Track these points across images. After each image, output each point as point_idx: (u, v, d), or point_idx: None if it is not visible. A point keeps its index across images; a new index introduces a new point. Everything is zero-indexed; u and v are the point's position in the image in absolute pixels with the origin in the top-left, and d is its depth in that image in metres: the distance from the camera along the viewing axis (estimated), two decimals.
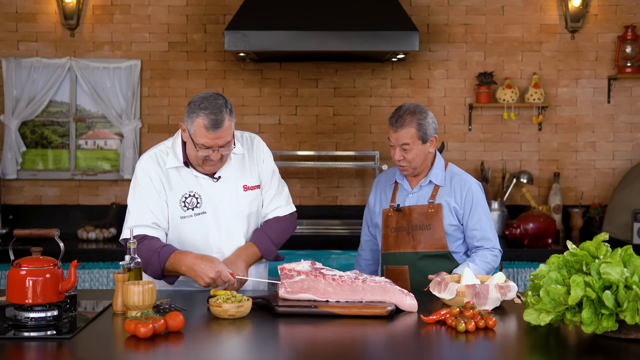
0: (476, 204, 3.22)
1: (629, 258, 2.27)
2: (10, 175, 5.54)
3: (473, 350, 2.27)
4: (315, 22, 5.00)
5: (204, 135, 2.82)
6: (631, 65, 5.49)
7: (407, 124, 3.14)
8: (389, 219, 3.29)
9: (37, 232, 2.61)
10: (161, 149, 3.02)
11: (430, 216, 3.21)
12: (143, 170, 2.98)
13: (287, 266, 2.78)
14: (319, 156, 5.62)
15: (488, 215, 3.26)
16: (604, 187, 5.68)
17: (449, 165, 3.32)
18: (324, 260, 4.81)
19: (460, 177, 3.26)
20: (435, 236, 3.20)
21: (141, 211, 2.94)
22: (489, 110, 5.65)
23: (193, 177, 2.98)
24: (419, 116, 3.16)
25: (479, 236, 3.22)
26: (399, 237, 3.25)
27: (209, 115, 2.80)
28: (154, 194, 2.95)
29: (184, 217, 2.97)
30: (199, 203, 2.97)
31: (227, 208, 3.01)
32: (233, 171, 3.03)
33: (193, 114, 2.83)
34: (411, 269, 3.22)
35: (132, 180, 3.02)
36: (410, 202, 3.27)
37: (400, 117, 3.16)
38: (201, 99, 2.84)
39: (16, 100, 5.52)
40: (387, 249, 3.30)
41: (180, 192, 2.97)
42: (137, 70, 5.56)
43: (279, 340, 2.43)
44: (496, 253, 3.23)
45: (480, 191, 3.27)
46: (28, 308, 2.44)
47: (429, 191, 3.26)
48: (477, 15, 5.62)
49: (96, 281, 4.81)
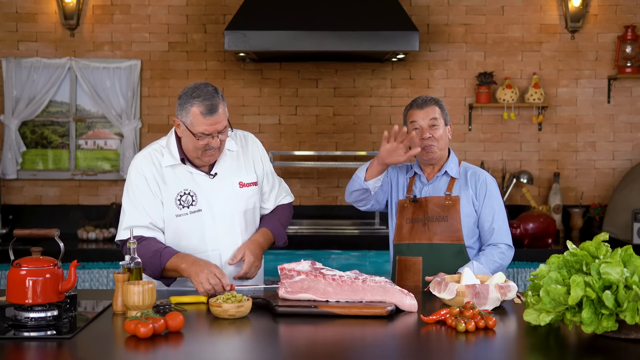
0: (489, 196, 3.24)
1: (629, 258, 2.27)
2: (10, 175, 5.55)
3: (473, 350, 2.27)
4: (315, 22, 5.00)
5: (202, 123, 2.82)
6: (631, 65, 5.49)
7: (432, 104, 3.26)
8: (405, 209, 3.29)
9: (37, 232, 2.61)
10: (155, 148, 3.01)
11: (447, 208, 3.21)
12: (137, 170, 2.97)
13: (287, 266, 2.78)
14: (318, 156, 5.62)
15: (501, 208, 3.26)
16: (604, 187, 5.68)
17: (462, 162, 3.36)
18: (324, 260, 4.81)
19: (474, 170, 3.31)
20: (451, 228, 3.20)
21: (137, 212, 2.94)
22: (489, 110, 5.65)
23: (188, 175, 2.97)
24: (437, 100, 3.30)
25: (488, 228, 3.22)
26: (414, 228, 3.25)
27: (204, 102, 2.81)
28: (149, 195, 2.95)
29: (179, 215, 2.96)
30: (194, 201, 2.96)
31: (223, 205, 3.00)
32: (229, 168, 3.04)
33: (187, 104, 2.84)
34: (425, 260, 3.21)
35: (126, 180, 3.00)
36: (426, 194, 3.28)
37: (423, 99, 3.27)
38: (191, 90, 2.86)
39: (16, 100, 5.52)
40: (400, 239, 3.29)
41: (175, 190, 2.96)
42: (137, 70, 5.56)
43: (279, 340, 2.43)
44: (503, 250, 3.19)
45: (494, 184, 3.29)
46: (28, 308, 2.44)
47: (445, 183, 3.27)
48: (477, 15, 5.63)
49: (96, 281, 4.81)
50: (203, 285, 2.78)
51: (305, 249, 4.83)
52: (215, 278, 2.78)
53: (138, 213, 2.94)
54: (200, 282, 2.79)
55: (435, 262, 3.19)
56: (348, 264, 4.84)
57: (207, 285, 2.78)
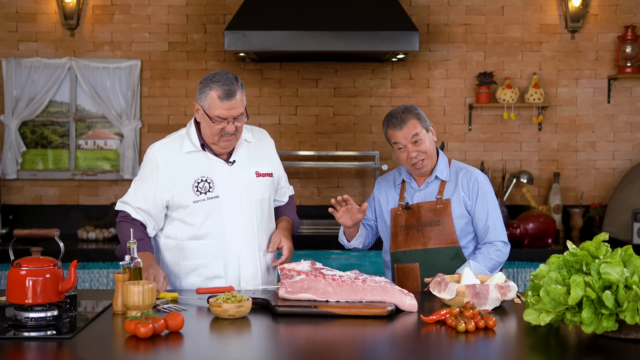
0: (482, 194, 3.22)
1: (629, 258, 2.27)
2: (10, 175, 5.55)
3: (473, 350, 2.27)
4: (315, 22, 5.00)
5: (219, 106, 2.91)
6: (631, 65, 5.49)
7: (408, 119, 3.18)
8: (398, 217, 3.28)
9: (37, 232, 2.61)
10: (174, 138, 3.12)
11: (439, 212, 3.20)
12: (152, 157, 3.07)
13: (287, 266, 2.79)
14: (319, 156, 5.62)
15: (495, 206, 3.24)
16: (604, 187, 5.68)
17: (452, 162, 3.32)
18: (324, 260, 4.81)
19: (465, 170, 3.28)
20: (445, 231, 3.19)
21: (135, 192, 3.08)
22: (489, 110, 5.65)
23: (207, 162, 3.04)
24: (412, 110, 3.22)
25: (483, 227, 3.21)
26: (408, 234, 3.24)
27: (222, 87, 2.91)
28: (151, 184, 3.03)
29: (197, 201, 3.02)
30: (212, 188, 3.02)
31: (241, 192, 3.06)
32: (246, 157, 3.11)
33: (206, 88, 2.94)
34: (422, 266, 3.20)
35: (143, 161, 3.12)
36: (418, 200, 3.27)
37: (398, 116, 3.19)
38: (212, 75, 2.97)
39: (16, 100, 5.52)
40: (396, 247, 3.29)
41: (192, 177, 3.03)
42: (137, 70, 5.56)
43: (279, 340, 2.43)
44: (499, 247, 3.19)
45: (487, 182, 3.27)
46: (28, 308, 2.44)
47: (435, 187, 3.25)
48: (477, 15, 5.63)
49: (96, 281, 4.81)
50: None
51: (305, 249, 4.83)
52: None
53: (135, 194, 3.08)
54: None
55: (432, 267, 3.19)
56: (348, 264, 4.84)
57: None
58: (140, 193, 3.06)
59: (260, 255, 3.11)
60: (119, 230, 3.08)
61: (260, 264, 3.10)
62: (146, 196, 3.04)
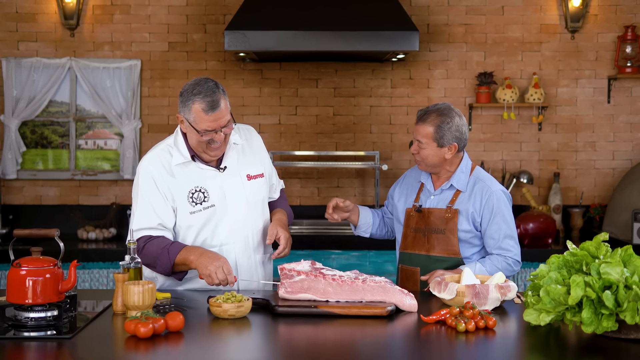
0: (495, 213, 3.11)
1: (629, 258, 2.27)
2: (10, 175, 5.55)
3: (473, 350, 2.27)
4: (315, 22, 5.00)
5: (205, 120, 2.84)
6: (631, 65, 5.49)
7: (428, 122, 3.10)
8: (410, 219, 3.25)
9: (37, 232, 2.61)
10: (162, 148, 3.03)
11: (446, 221, 3.14)
12: (146, 171, 2.98)
13: (287, 266, 2.79)
14: (319, 156, 5.62)
15: (509, 224, 3.13)
16: (604, 187, 5.68)
17: (475, 170, 3.22)
18: (324, 260, 4.81)
19: (483, 184, 3.16)
20: (448, 242, 3.14)
21: (146, 213, 2.95)
22: (489, 110, 5.65)
23: (199, 171, 3.00)
24: (443, 119, 3.09)
25: (494, 245, 3.13)
26: (416, 238, 3.22)
27: (205, 99, 2.83)
28: (158, 196, 2.95)
29: (193, 212, 2.98)
30: (206, 197, 2.99)
31: (234, 198, 3.03)
32: (236, 161, 3.07)
33: (188, 102, 2.86)
34: (423, 271, 3.17)
35: (135, 182, 3.02)
36: (431, 205, 3.21)
37: (427, 112, 3.13)
38: (192, 86, 2.88)
39: (16, 100, 5.52)
40: (405, 248, 3.27)
41: (186, 188, 2.98)
42: (137, 70, 5.56)
43: (279, 340, 2.43)
44: (510, 262, 3.12)
45: (503, 199, 3.14)
46: (28, 308, 2.44)
47: (449, 195, 3.18)
48: (477, 15, 5.63)
49: (96, 281, 4.81)
50: (212, 279, 2.80)
51: (305, 249, 4.83)
52: (222, 274, 2.80)
53: (147, 214, 2.95)
54: (208, 274, 2.80)
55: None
56: (348, 264, 4.84)
57: (215, 280, 2.79)
58: (148, 210, 2.95)
59: (256, 259, 3.10)
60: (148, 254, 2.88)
61: (255, 266, 3.09)
62: (156, 208, 2.94)
